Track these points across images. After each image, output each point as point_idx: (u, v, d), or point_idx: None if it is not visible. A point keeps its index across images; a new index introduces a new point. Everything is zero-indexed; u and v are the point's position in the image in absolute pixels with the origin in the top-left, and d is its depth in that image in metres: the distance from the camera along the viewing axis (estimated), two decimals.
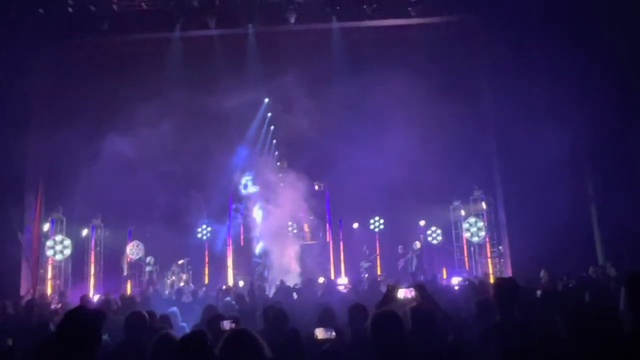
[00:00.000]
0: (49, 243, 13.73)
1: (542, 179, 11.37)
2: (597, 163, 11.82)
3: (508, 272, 12.55)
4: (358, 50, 13.91)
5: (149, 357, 3.08)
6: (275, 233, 14.67)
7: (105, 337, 3.99)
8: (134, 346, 3.67)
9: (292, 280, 12.12)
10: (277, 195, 14.68)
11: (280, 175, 15.39)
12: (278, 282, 11.18)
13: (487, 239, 14.22)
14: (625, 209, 9.96)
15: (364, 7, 13.26)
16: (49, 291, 12.83)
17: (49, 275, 13.70)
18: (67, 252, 13.89)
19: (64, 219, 14.18)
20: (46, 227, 14.04)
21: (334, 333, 3.66)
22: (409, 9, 13.32)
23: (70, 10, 12.85)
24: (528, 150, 11.46)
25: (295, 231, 15.20)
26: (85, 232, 14.67)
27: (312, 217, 15.27)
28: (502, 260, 13.82)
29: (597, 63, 10.73)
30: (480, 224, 14.24)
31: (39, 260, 13.68)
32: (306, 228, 15.47)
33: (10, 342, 4.81)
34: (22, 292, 12.10)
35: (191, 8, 13.22)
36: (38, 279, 13.29)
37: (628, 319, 2.41)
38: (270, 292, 10.72)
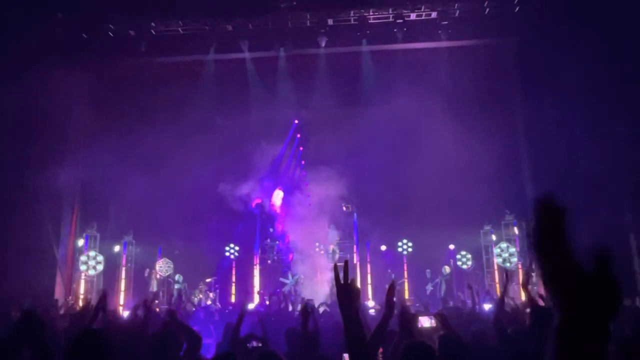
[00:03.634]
0: (83, 258, 14.10)
1: (578, 205, 11.01)
2: (637, 189, 11.39)
3: (540, 301, 12.09)
4: (388, 73, 13.98)
5: None
6: (302, 254, 14.65)
7: None
8: None
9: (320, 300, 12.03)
10: (304, 215, 14.70)
11: (308, 196, 15.44)
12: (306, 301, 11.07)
13: (520, 266, 13.80)
14: None
15: (394, 30, 13.38)
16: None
17: (82, 289, 14.03)
18: (100, 267, 14.22)
19: (98, 235, 14.57)
20: (81, 242, 14.45)
21: None
22: (439, 32, 13.37)
23: (111, 34, 13.46)
24: (563, 175, 11.15)
25: (322, 252, 15.14)
26: (117, 248, 15.00)
27: (337, 240, 15.20)
28: (535, 288, 13.35)
29: (637, 81, 10.43)
30: (513, 249, 13.87)
31: (72, 275, 14.07)
32: (332, 249, 15.38)
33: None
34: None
35: (225, 32, 13.64)
36: (71, 293, 13.63)
37: None
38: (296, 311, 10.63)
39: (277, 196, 15.79)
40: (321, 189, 14.74)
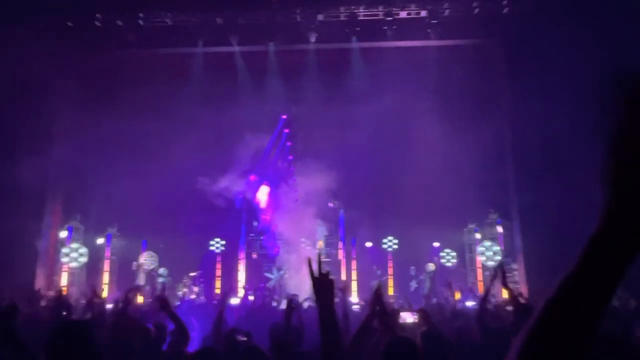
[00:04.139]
0: (65, 250, 13.92)
1: (563, 206, 11.20)
2: None
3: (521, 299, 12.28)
4: (377, 70, 14.02)
5: None
6: (289, 248, 14.67)
7: None
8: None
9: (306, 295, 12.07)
10: (291, 210, 14.71)
11: (295, 191, 15.44)
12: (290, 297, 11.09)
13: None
14: None
15: (384, 28, 13.42)
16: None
17: (65, 282, 13.85)
18: (83, 260, 14.06)
19: (82, 227, 14.39)
20: (64, 234, 14.26)
21: None
22: (429, 30, 13.44)
23: (98, 24, 13.25)
24: (548, 175, 11.32)
25: (308, 248, 15.17)
26: (101, 240, 14.84)
27: (326, 235, 15.25)
28: (517, 285, 13.57)
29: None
30: (496, 248, 14.04)
31: (54, 267, 13.89)
32: (320, 245, 15.43)
33: None
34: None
35: (214, 25, 13.53)
36: (52, 286, 13.46)
37: None
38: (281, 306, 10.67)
39: (263, 192, 15.77)
40: (308, 184, 14.75)
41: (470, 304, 10.89)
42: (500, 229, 14.19)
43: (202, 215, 14.61)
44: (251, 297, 13.41)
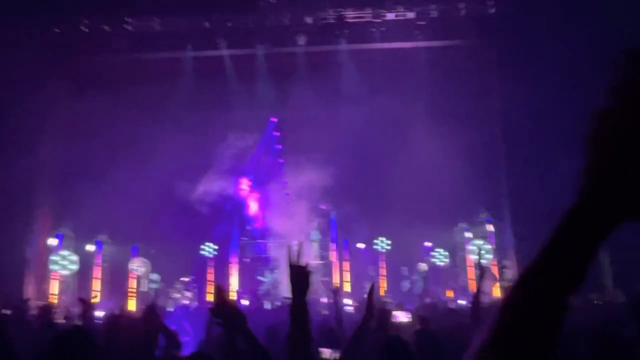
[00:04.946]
0: (55, 258, 13.75)
1: (555, 203, 11.28)
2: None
3: None
4: (367, 72, 14.08)
5: None
6: (280, 251, 14.66)
7: None
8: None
9: None
10: (282, 213, 14.70)
11: (287, 194, 15.43)
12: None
13: (495, 262, 14.08)
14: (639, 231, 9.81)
15: (372, 30, 13.48)
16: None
17: (56, 290, 13.68)
18: (73, 267, 13.91)
19: (72, 234, 14.24)
20: (54, 241, 14.10)
21: (337, 354, 3.63)
22: (416, 32, 13.53)
23: (85, 29, 13.16)
24: (540, 174, 11.42)
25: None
26: (91, 247, 14.70)
27: (319, 237, 15.25)
28: (510, 284, 13.65)
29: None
30: (488, 246, 14.13)
31: (44, 274, 13.72)
32: (315, 247, 15.43)
33: None
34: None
35: (203, 29, 13.50)
36: (42, 294, 13.29)
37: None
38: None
39: (243, 185, 15.72)
40: (299, 187, 14.75)
41: (462, 302, 10.96)
42: (491, 228, 14.28)
43: (193, 219, 14.54)
44: (244, 302, 13.36)
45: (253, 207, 16.12)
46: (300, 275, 2.03)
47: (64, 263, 13.79)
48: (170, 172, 13.44)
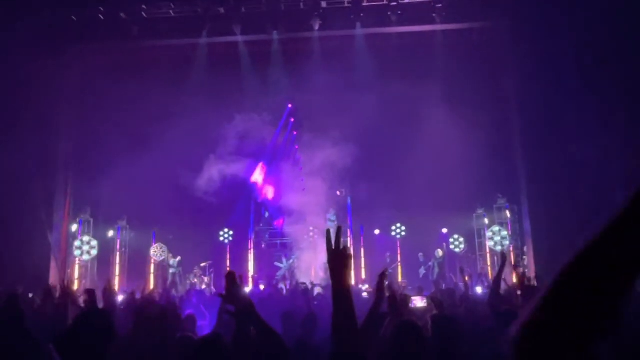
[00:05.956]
0: (77, 243, 14.07)
1: (571, 189, 11.10)
2: (629, 173, 11.48)
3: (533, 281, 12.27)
4: (382, 56, 13.90)
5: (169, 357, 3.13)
6: (298, 238, 14.75)
7: None
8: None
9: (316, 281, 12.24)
10: (298, 199, 14.73)
11: (302, 180, 15.45)
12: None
13: (512, 248, 13.96)
14: None
15: (389, 13, 13.27)
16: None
17: (76, 275, 14.02)
18: (94, 252, 14.21)
19: (92, 220, 14.52)
20: (74, 227, 14.41)
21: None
22: (434, 15, 13.28)
23: (102, 17, 13.24)
24: (555, 159, 11.22)
25: (316, 237, 15.21)
26: (111, 233, 14.97)
27: (335, 222, 15.26)
28: (526, 270, 13.54)
29: (630, 69, 10.44)
30: (505, 232, 14.00)
31: (66, 260, 14.06)
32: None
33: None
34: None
35: (217, 15, 13.46)
36: (66, 279, 13.59)
37: None
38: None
39: (258, 172, 15.78)
40: (315, 172, 14.74)
41: (479, 289, 10.89)
42: (508, 214, 14.14)
43: (210, 206, 14.67)
44: (262, 287, 13.50)
45: (269, 192, 16.20)
46: (340, 259, 1.96)
47: (85, 249, 14.10)
48: (186, 159, 13.56)
